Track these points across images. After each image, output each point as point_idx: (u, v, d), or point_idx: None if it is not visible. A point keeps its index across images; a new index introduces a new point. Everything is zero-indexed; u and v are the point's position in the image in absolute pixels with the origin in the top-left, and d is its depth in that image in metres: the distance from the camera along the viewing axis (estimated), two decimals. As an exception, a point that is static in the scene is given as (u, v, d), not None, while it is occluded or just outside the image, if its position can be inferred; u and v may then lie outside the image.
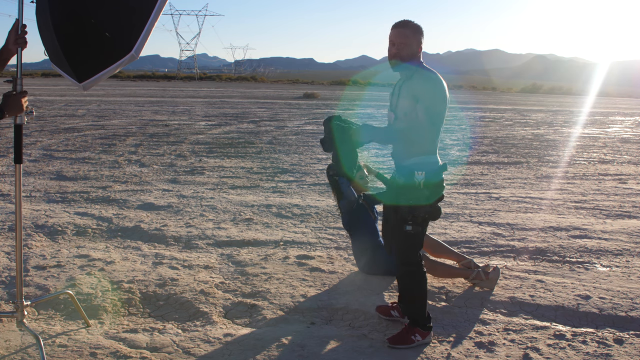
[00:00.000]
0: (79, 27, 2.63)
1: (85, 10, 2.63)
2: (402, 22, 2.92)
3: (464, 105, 32.93)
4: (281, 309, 3.48)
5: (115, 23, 2.63)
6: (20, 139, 2.72)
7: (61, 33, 2.64)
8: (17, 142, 2.71)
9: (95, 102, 23.88)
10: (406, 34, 2.87)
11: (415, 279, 3.04)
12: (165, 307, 3.47)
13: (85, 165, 8.61)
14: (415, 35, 2.89)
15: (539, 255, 4.74)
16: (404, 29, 2.89)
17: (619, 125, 22.11)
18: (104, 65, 2.63)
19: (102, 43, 2.62)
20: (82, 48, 2.66)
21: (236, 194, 6.89)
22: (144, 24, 2.55)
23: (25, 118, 2.69)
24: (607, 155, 12.00)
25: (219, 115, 19.60)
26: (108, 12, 2.64)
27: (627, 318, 3.47)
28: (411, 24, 2.91)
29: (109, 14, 2.64)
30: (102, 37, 2.60)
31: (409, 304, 3.09)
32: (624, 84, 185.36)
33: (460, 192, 7.45)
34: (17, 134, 2.70)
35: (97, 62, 2.65)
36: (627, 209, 6.65)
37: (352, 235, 4.19)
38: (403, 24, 2.90)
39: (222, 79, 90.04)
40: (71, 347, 2.88)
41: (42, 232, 4.97)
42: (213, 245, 4.76)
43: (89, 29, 2.62)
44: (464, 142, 13.92)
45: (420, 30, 2.92)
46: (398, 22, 2.92)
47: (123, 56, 2.58)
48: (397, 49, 2.87)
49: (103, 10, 2.64)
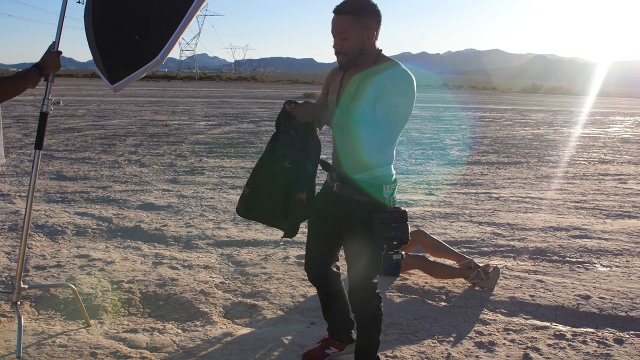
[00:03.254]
0: (114, 30, 2.72)
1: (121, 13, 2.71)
2: (339, 7, 2.22)
3: (464, 105, 32.92)
4: (281, 309, 3.48)
5: (144, 27, 2.68)
6: (43, 126, 2.83)
7: (99, 34, 2.73)
8: (40, 128, 2.82)
9: (95, 102, 23.88)
10: (347, 22, 2.21)
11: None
12: (165, 307, 3.47)
13: (85, 165, 8.61)
14: (359, 20, 2.22)
15: (539, 255, 4.74)
16: (342, 16, 2.22)
17: (619, 125, 22.11)
18: (132, 68, 2.68)
19: (131, 46, 2.69)
20: (115, 50, 2.75)
21: (236, 194, 6.88)
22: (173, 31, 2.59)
23: (51, 107, 2.82)
24: (607, 155, 12.00)
25: (219, 115, 19.60)
26: (139, 16, 2.71)
27: (627, 318, 3.47)
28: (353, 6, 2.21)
29: (140, 18, 2.71)
30: (132, 40, 2.68)
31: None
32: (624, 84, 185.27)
33: (460, 192, 7.45)
34: (42, 121, 2.82)
35: (126, 65, 2.70)
36: (627, 209, 6.65)
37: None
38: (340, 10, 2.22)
39: (222, 79, 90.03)
40: (71, 347, 2.88)
41: (42, 232, 4.96)
42: (213, 245, 4.76)
43: (121, 32, 2.70)
44: (464, 142, 13.92)
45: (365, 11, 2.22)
46: (335, 8, 2.25)
47: (149, 61, 2.62)
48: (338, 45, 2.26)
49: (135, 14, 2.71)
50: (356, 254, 2.47)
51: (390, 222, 2.31)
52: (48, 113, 2.83)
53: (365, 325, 2.56)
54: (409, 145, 12.87)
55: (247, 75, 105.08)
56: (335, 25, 2.23)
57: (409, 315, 3.43)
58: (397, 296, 3.74)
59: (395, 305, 3.58)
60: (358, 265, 2.47)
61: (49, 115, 2.88)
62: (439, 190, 7.51)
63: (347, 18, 2.21)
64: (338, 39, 2.24)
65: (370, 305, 2.52)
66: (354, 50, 2.25)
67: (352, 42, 2.23)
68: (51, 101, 2.82)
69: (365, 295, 2.50)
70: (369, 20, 2.24)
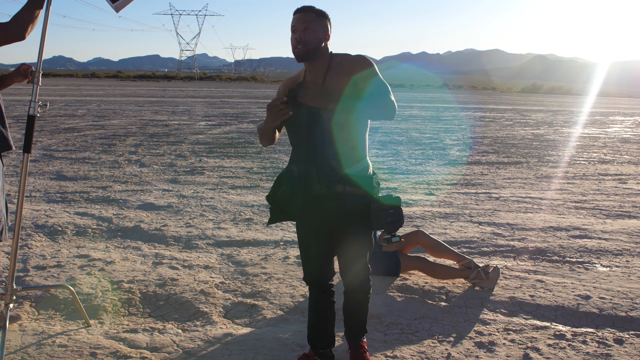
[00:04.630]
0: None
1: None
2: (304, 7, 2.51)
3: (464, 105, 32.91)
4: (281, 309, 3.48)
5: None
6: (31, 130, 2.83)
7: None
8: (28, 132, 2.82)
9: (95, 102, 23.87)
10: (311, 18, 2.46)
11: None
12: (165, 307, 3.47)
13: (85, 165, 8.61)
14: (320, 20, 2.48)
15: (539, 255, 4.74)
16: (307, 14, 2.47)
17: (619, 125, 22.11)
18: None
19: None
20: None
21: (236, 194, 6.89)
22: None
23: (38, 109, 2.81)
24: (607, 155, 12.00)
25: (219, 115, 19.60)
26: None
27: (627, 318, 3.47)
28: (315, 8, 2.52)
29: None
30: None
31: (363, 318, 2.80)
32: (624, 84, 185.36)
33: (460, 192, 7.45)
34: (29, 124, 2.82)
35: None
36: (627, 209, 6.65)
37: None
38: (305, 9, 2.50)
39: (222, 79, 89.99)
40: (71, 347, 2.88)
41: (42, 232, 4.96)
42: (213, 245, 4.76)
43: None
44: (464, 142, 13.92)
45: (325, 14, 2.53)
46: (300, 7, 2.52)
47: None
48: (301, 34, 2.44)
49: None
50: (357, 249, 2.60)
51: (387, 209, 2.51)
52: (35, 116, 2.81)
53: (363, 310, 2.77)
54: (409, 145, 12.87)
55: (247, 75, 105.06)
56: (301, 21, 2.46)
57: (409, 315, 3.43)
58: (397, 296, 3.74)
59: (395, 305, 3.58)
60: (362, 259, 2.62)
61: (41, 117, 2.90)
62: (439, 190, 7.51)
63: (312, 16, 2.47)
64: (300, 32, 2.45)
65: (368, 294, 2.75)
66: (314, 42, 2.46)
67: (314, 35, 2.45)
68: (38, 104, 2.80)
69: (367, 287, 2.72)
70: (326, 24, 2.52)
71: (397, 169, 9.34)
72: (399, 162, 10.20)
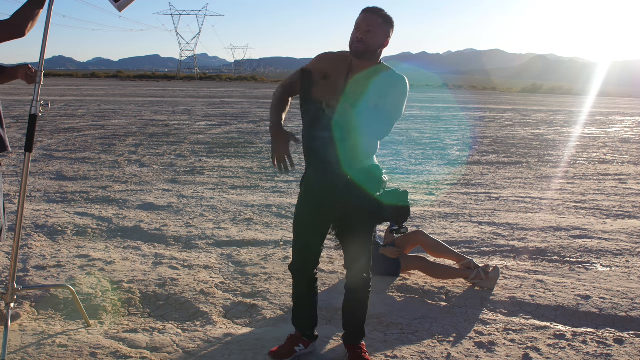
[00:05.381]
0: None
1: None
2: (374, 9, 2.56)
3: (464, 105, 32.92)
4: (281, 309, 3.48)
5: None
6: (33, 129, 2.84)
7: None
8: (30, 131, 2.83)
9: (95, 102, 23.88)
10: (377, 22, 2.51)
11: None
12: (165, 307, 3.47)
13: (85, 165, 8.61)
14: (384, 26, 2.53)
15: (539, 255, 4.74)
16: (374, 16, 2.52)
17: (619, 125, 22.12)
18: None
19: None
20: None
21: (236, 194, 6.89)
22: None
23: (40, 109, 2.82)
24: (607, 155, 12.01)
25: (219, 115, 19.60)
26: None
27: (627, 318, 3.47)
28: (384, 13, 2.55)
29: None
30: None
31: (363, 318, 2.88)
32: (624, 84, 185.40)
33: (460, 192, 7.45)
34: (31, 124, 2.83)
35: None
36: (627, 209, 6.65)
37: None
38: (375, 10, 2.54)
39: (222, 79, 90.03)
40: (71, 347, 2.88)
41: (42, 232, 4.96)
42: (213, 245, 4.76)
43: None
44: (464, 142, 13.92)
45: (391, 22, 2.57)
46: (369, 7, 2.57)
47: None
48: (363, 34, 2.50)
49: None
50: (362, 244, 2.72)
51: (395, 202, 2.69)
52: (37, 115, 2.82)
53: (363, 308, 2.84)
54: (409, 145, 12.87)
55: (247, 75, 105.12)
56: (366, 20, 2.50)
57: (409, 315, 3.43)
58: (397, 296, 3.74)
59: (395, 305, 3.58)
60: (366, 254, 2.73)
61: (41, 117, 2.90)
62: (439, 190, 7.51)
63: (378, 20, 2.51)
64: (364, 31, 2.49)
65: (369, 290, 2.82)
66: (374, 45, 2.51)
67: (375, 38, 2.51)
68: (40, 103, 2.81)
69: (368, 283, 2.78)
70: (389, 31, 2.56)
71: (397, 169, 9.34)
72: (399, 162, 10.21)
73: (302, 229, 2.79)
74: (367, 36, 2.48)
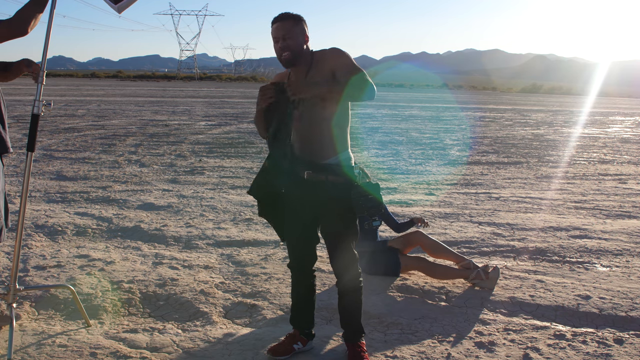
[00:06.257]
0: None
1: None
2: (280, 15, 2.63)
3: (464, 105, 32.92)
4: (281, 309, 3.48)
5: None
6: (35, 128, 2.84)
7: None
8: (32, 131, 2.84)
9: (95, 102, 23.88)
10: (289, 26, 2.60)
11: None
12: (165, 307, 3.47)
13: (85, 165, 8.61)
14: (297, 25, 2.62)
15: (539, 255, 4.74)
16: (284, 22, 2.61)
17: (619, 125, 22.12)
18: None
19: None
20: None
21: (236, 194, 6.89)
22: None
23: (42, 109, 2.83)
24: (607, 155, 12.01)
25: (219, 115, 19.61)
26: None
27: (627, 318, 3.47)
28: (291, 14, 2.64)
29: None
30: None
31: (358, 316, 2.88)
32: (624, 84, 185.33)
33: (460, 192, 7.45)
34: (33, 123, 2.84)
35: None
36: (627, 209, 6.65)
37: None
38: (282, 17, 2.62)
39: (222, 79, 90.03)
40: (71, 347, 2.88)
41: (42, 232, 4.96)
42: (213, 245, 4.76)
43: None
44: (464, 142, 13.92)
45: (301, 18, 2.66)
46: (276, 17, 2.65)
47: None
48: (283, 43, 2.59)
49: None
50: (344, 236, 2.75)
51: (367, 195, 2.67)
52: (39, 115, 2.82)
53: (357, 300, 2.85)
54: (409, 145, 12.87)
55: (247, 75, 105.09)
56: (280, 30, 2.59)
57: (409, 315, 3.43)
58: (397, 296, 3.74)
59: (395, 305, 3.58)
60: (349, 246, 2.75)
61: (41, 117, 2.90)
62: (439, 190, 7.51)
63: (289, 23, 2.61)
64: (282, 40, 2.59)
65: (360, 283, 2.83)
66: (298, 47, 2.61)
67: (296, 41, 2.61)
68: (42, 103, 2.82)
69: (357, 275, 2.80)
70: (303, 27, 2.66)
71: (397, 169, 9.34)
72: (399, 162, 10.21)
73: (287, 228, 2.87)
74: (288, 43, 2.59)
